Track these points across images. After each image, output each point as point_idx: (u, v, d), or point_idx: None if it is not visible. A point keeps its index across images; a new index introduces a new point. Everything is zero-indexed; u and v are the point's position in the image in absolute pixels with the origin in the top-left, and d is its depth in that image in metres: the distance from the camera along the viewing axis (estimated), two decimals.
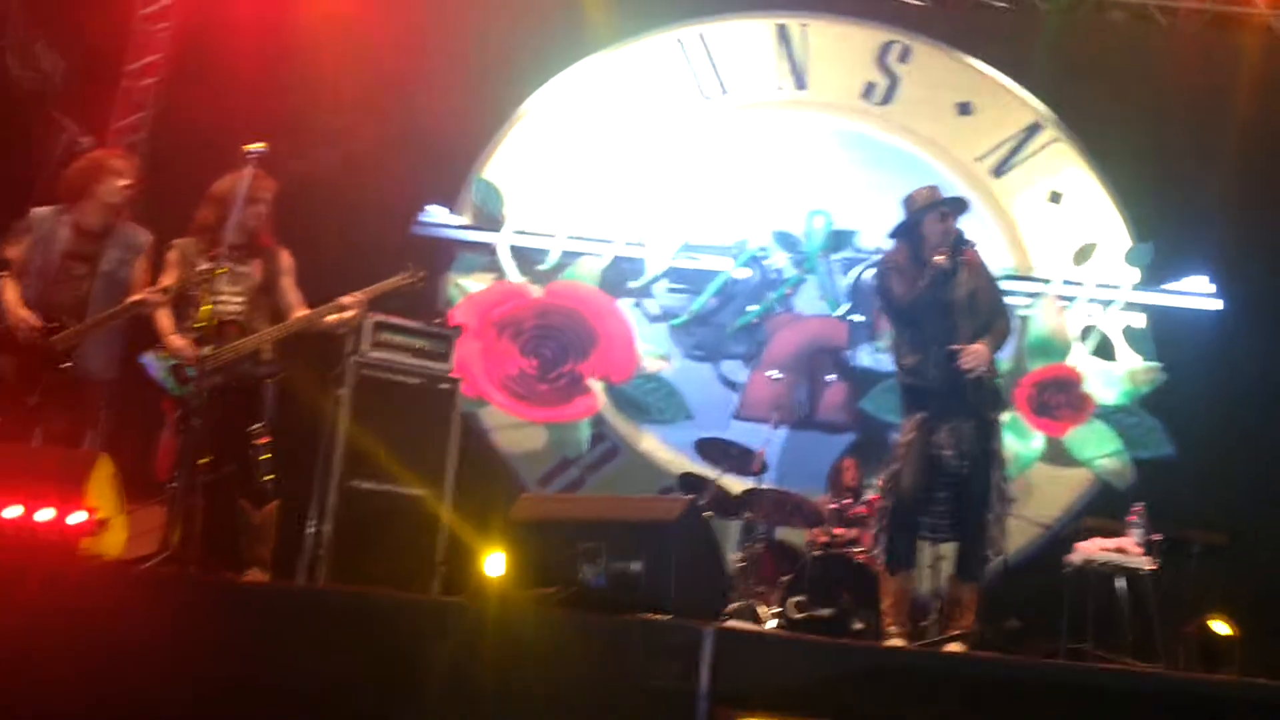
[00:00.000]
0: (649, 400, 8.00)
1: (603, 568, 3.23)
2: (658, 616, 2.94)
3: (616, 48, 8.44)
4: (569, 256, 8.12)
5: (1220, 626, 6.45)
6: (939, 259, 4.39)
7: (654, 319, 8.16)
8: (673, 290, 8.20)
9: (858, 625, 5.78)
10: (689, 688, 2.71)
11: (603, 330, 8.03)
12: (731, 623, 4.00)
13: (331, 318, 5.00)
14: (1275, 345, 7.95)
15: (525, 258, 8.11)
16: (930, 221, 4.53)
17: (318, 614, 3.22)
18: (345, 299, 5.00)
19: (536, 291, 8.08)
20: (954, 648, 4.23)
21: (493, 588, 3.82)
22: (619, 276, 8.17)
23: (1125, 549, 6.00)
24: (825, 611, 5.77)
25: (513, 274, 8.10)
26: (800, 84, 8.49)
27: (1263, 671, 6.72)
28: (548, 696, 2.85)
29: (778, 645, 3.06)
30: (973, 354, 4.25)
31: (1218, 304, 8.14)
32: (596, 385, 7.97)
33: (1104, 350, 8.17)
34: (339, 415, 6.12)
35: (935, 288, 4.40)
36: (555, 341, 7.99)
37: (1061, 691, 2.92)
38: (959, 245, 4.38)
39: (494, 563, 3.98)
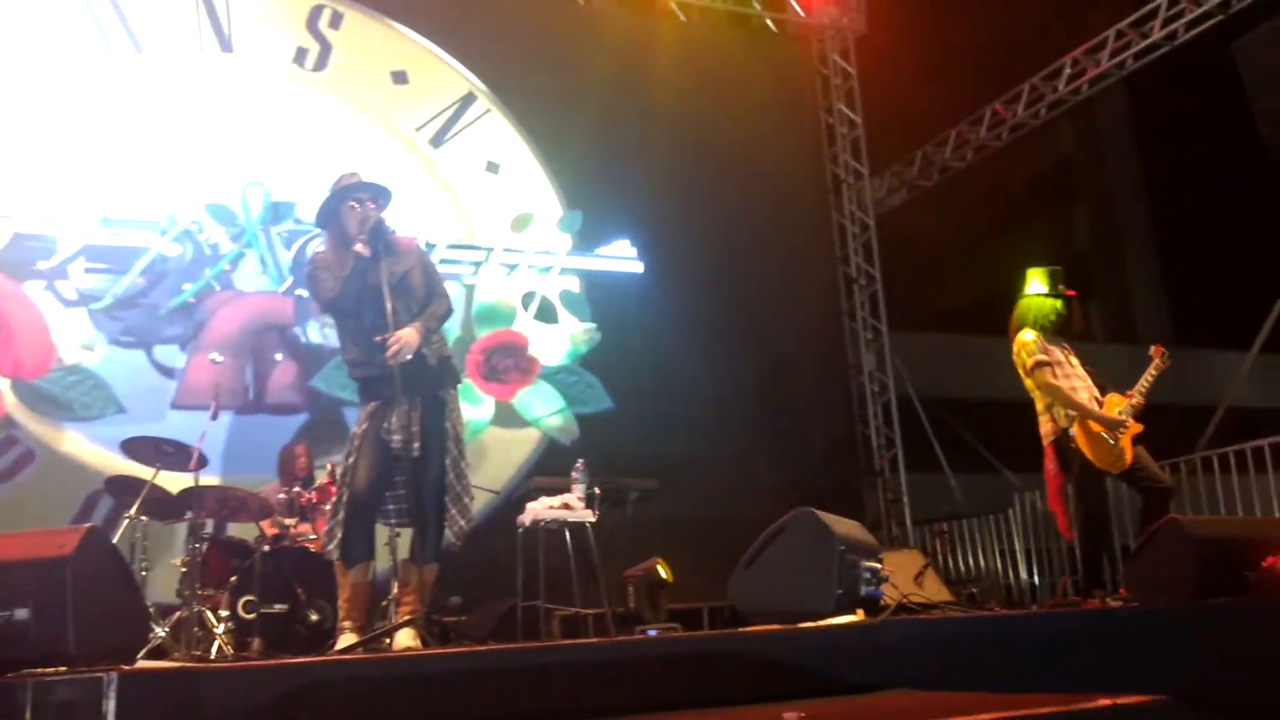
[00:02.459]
0: (71, 395, 7.14)
1: None
2: (51, 670, 2.57)
3: None
4: None
5: (660, 570, 7.07)
6: (358, 247, 4.30)
7: (71, 303, 7.29)
8: (92, 270, 7.37)
9: (314, 617, 5.59)
10: None
11: (5, 319, 7.03)
12: (144, 662, 3.65)
13: None
14: (688, 302, 8.87)
15: None
16: (347, 209, 4.43)
17: None
18: None
19: None
20: (404, 635, 4.20)
21: None
22: (24, 256, 7.19)
23: (570, 504, 6.30)
24: (278, 608, 5.52)
25: None
26: (225, 46, 7.96)
27: (696, 596, 7.59)
28: None
29: (195, 678, 2.81)
30: (397, 340, 4.21)
31: (639, 266, 8.87)
32: (3, 383, 6.97)
33: (545, 314, 8.58)
34: None
35: (360, 277, 4.32)
36: None
37: (493, 676, 2.98)
38: (378, 231, 4.30)
39: None
